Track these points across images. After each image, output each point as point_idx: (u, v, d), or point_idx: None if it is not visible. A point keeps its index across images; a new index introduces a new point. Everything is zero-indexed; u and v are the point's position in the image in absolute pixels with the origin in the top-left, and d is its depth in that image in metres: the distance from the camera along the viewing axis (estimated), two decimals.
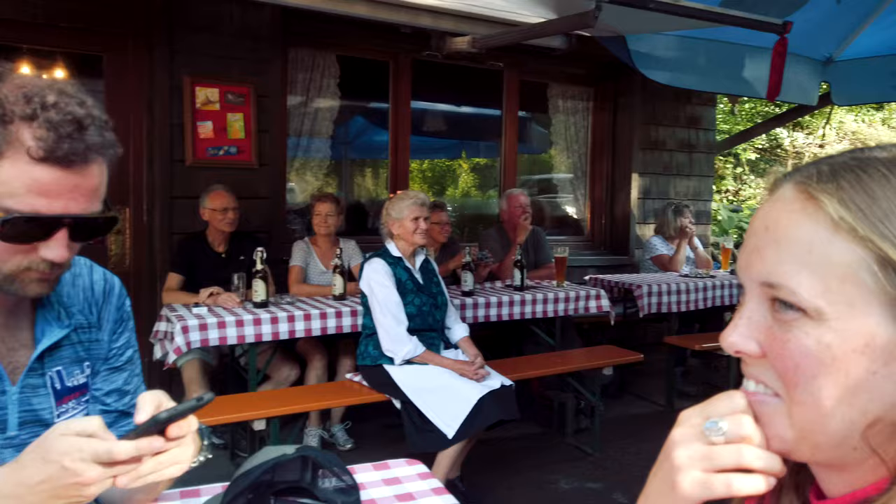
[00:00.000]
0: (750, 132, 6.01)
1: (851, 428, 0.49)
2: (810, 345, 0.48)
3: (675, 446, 0.54)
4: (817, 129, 10.65)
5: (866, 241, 0.47)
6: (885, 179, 0.48)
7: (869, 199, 0.47)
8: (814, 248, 0.48)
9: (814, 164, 0.52)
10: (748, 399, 0.53)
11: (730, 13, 2.70)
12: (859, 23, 3.93)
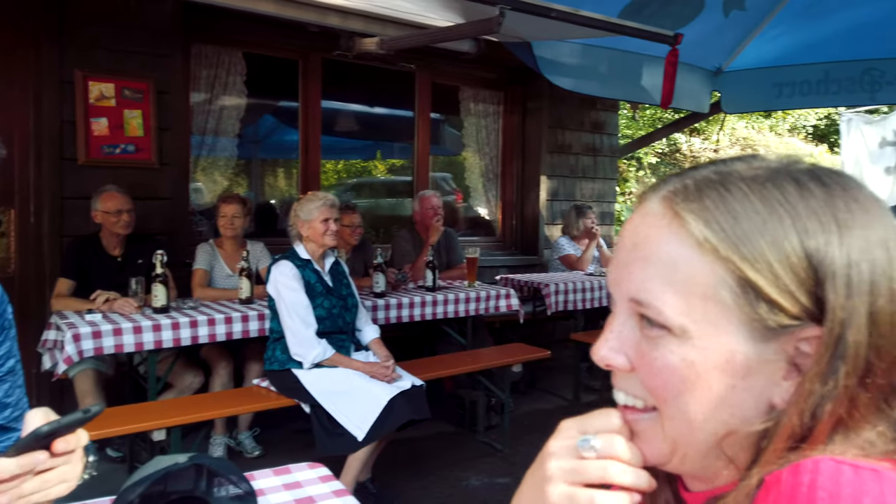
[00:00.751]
0: (650, 137, 6.32)
1: (715, 440, 0.51)
2: (675, 362, 0.50)
3: (550, 457, 0.56)
4: (712, 134, 11.33)
5: (727, 262, 0.49)
6: (747, 198, 0.50)
7: (731, 220, 0.49)
8: (679, 266, 0.50)
9: (679, 178, 0.54)
10: (624, 417, 0.55)
11: (625, 24, 2.84)
12: (745, 36, 4.23)
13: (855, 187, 0.52)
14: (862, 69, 4.35)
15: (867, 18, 4.07)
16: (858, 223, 0.50)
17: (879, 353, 0.48)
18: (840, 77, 4.40)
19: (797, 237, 0.49)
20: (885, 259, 0.50)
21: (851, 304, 0.48)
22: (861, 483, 0.45)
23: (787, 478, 0.47)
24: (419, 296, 3.66)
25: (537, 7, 2.45)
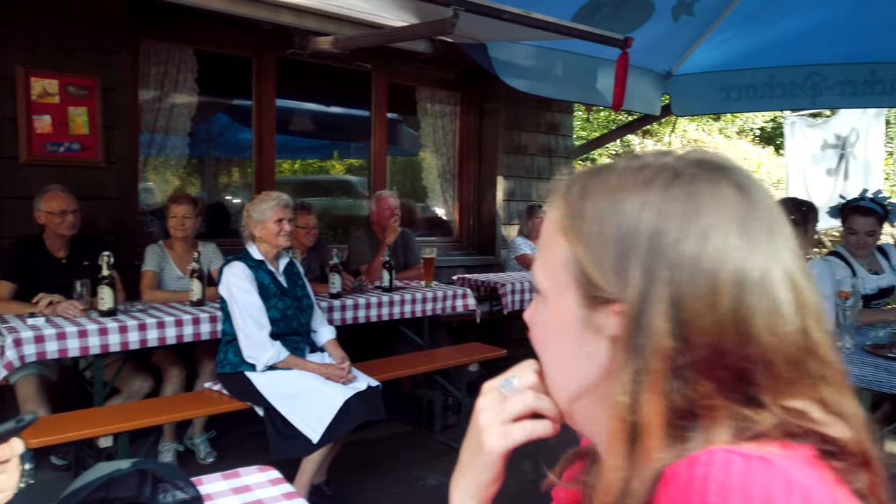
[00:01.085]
0: (604, 138, 6.43)
1: (570, 400, 0.59)
2: (538, 321, 0.61)
3: (480, 413, 0.64)
4: (664, 136, 11.60)
5: (568, 240, 0.56)
6: (601, 189, 0.57)
7: (581, 207, 0.57)
8: (549, 245, 0.59)
9: (575, 175, 0.61)
10: (539, 367, 0.63)
11: (577, 27, 2.88)
12: (693, 41, 4.34)
13: (718, 178, 0.54)
14: (805, 74, 4.51)
15: (810, 25, 4.22)
16: (680, 212, 0.53)
17: (688, 340, 0.51)
18: (784, 81, 4.55)
19: (618, 220, 0.54)
20: (695, 249, 0.52)
21: (651, 287, 0.52)
22: (750, 473, 0.46)
23: (682, 470, 0.48)
24: (376, 296, 3.65)
25: (490, 9, 2.47)
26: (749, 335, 0.51)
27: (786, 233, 0.55)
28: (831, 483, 0.49)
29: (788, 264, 0.53)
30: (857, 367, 2.48)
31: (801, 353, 0.52)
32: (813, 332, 0.53)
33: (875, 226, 3.19)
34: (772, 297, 0.52)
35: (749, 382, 0.51)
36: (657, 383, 0.51)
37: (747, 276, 0.51)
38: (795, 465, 0.48)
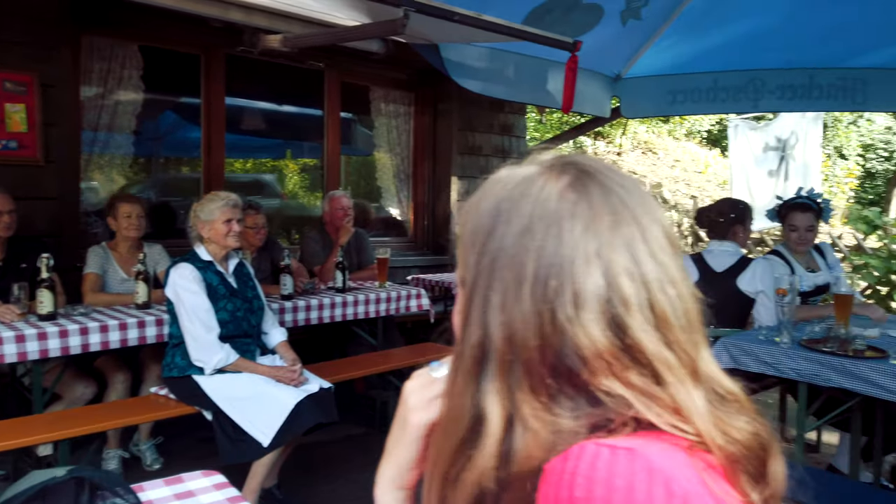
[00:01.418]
0: (556, 140, 6.52)
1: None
2: (455, 312, 0.66)
3: (409, 394, 0.68)
4: (615, 138, 11.83)
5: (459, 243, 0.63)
6: (479, 194, 0.63)
7: (465, 212, 0.63)
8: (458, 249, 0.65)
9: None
10: None
11: (527, 30, 2.92)
12: (641, 45, 4.43)
13: (556, 178, 0.59)
14: (747, 78, 4.66)
15: (751, 31, 4.37)
16: (509, 210, 0.58)
17: (509, 327, 0.55)
18: (727, 85, 4.70)
19: (475, 219, 0.60)
20: (512, 244, 0.57)
21: (479, 278, 0.58)
22: (615, 464, 0.49)
23: (557, 465, 0.51)
24: (329, 297, 3.62)
25: (441, 10, 2.48)
26: (558, 332, 0.53)
27: (626, 232, 0.56)
28: (697, 470, 0.51)
29: (615, 263, 0.55)
30: (794, 362, 2.58)
31: (615, 345, 0.54)
32: (631, 326, 0.54)
33: (813, 221, 3.34)
34: (576, 296, 0.54)
35: (571, 371, 0.54)
36: (496, 372, 0.56)
37: (553, 276, 0.54)
38: (662, 454, 0.51)
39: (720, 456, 0.54)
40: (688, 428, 0.54)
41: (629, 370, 0.54)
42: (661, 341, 0.55)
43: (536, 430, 0.53)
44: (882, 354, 2.47)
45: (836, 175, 13.27)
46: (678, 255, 0.60)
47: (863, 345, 2.57)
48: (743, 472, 0.56)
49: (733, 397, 0.60)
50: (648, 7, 3.98)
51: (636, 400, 0.53)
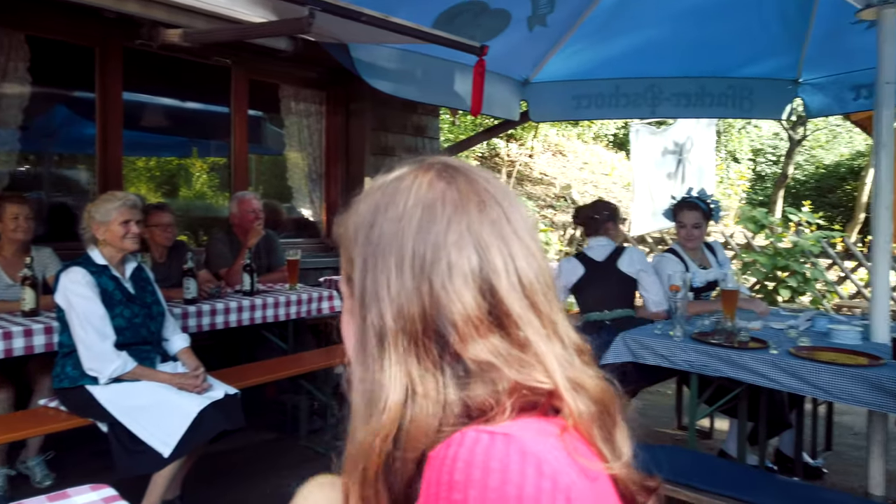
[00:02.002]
0: (468, 141, 6.60)
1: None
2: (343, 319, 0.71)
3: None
4: (528, 140, 12.13)
5: (340, 245, 0.69)
6: (358, 198, 0.69)
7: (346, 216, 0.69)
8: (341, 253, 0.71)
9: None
10: None
11: (435, 33, 2.95)
12: (548, 50, 4.57)
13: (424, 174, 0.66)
14: (645, 86, 4.90)
15: (649, 41, 4.59)
16: (384, 204, 0.65)
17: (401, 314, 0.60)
18: (628, 92, 4.92)
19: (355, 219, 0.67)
20: (387, 232, 0.63)
21: (364, 269, 0.64)
22: (492, 448, 0.53)
23: (439, 451, 0.55)
24: (236, 301, 3.52)
25: (347, 10, 2.47)
26: (435, 302, 0.60)
27: (492, 213, 0.64)
28: (567, 450, 0.56)
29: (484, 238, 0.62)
30: (686, 354, 2.74)
31: (484, 309, 0.60)
32: (500, 290, 0.61)
33: (700, 219, 3.57)
34: (450, 266, 0.61)
35: (446, 339, 0.60)
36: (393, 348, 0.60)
37: (429, 251, 0.61)
38: (536, 438, 0.55)
39: (573, 404, 0.59)
40: (547, 381, 0.59)
41: (494, 334, 0.60)
42: (526, 304, 0.62)
43: (428, 395, 0.58)
44: (763, 345, 2.67)
45: (730, 178, 14.17)
46: (536, 235, 0.68)
47: (746, 337, 2.76)
48: (596, 427, 0.61)
49: (584, 352, 0.66)
50: (554, 14, 4.11)
51: (501, 362, 0.59)
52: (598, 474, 0.58)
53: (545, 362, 0.60)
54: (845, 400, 2.35)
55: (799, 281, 6.12)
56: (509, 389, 0.58)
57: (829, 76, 4.64)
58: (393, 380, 0.59)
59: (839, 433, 4.00)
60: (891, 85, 2.76)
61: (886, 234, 2.73)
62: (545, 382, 0.59)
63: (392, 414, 0.58)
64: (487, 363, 0.59)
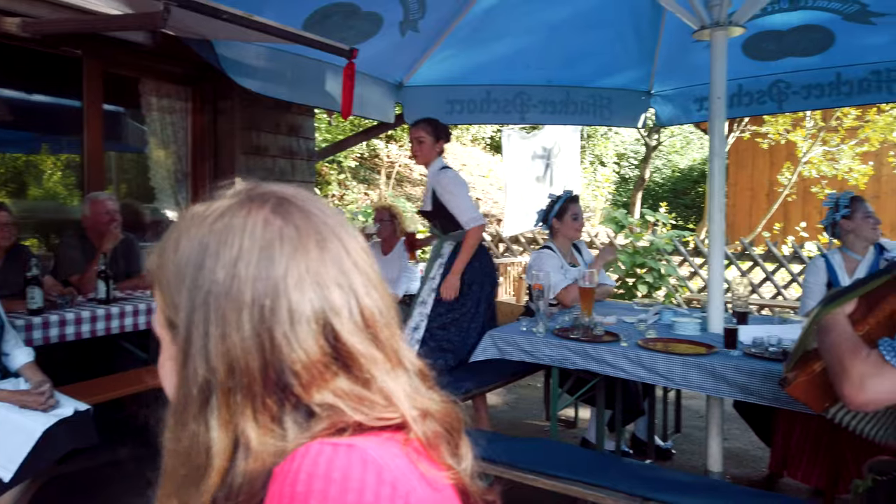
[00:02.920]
0: (345, 143, 6.57)
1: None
2: (160, 363, 0.67)
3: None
4: (407, 142, 12.24)
5: (156, 286, 0.63)
6: (176, 233, 0.64)
7: (162, 253, 0.63)
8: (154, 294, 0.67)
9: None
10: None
11: (301, 34, 2.92)
12: (420, 55, 4.65)
13: (257, 208, 0.62)
14: (514, 93, 5.11)
15: (517, 50, 4.79)
16: (216, 244, 0.60)
17: (229, 358, 0.57)
18: (499, 98, 5.10)
19: (177, 258, 0.62)
20: (224, 277, 0.59)
21: (193, 314, 0.59)
22: (335, 458, 0.54)
23: (284, 466, 0.55)
24: (88, 310, 3.28)
25: (206, 7, 2.38)
26: (276, 352, 0.57)
27: (332, 247, 0.62)
28: (409, 458, 0.58)
29: (325, 276, 0.60)
30: (548, 349, 2.89)
31: (327, 353, 0.59)
32: (342, 332, 0.59)
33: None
34: (291, 313, 0.58)
35: (288, 388, 0.58)
36: (220, 403, 0.57)
37: (268, 298, 0.58)
38: (378, 447, 0.57)
39: (421, 432, 0.61)
40: (395, 415, 0.60)
41: (338, 377, 0.59)
42: (369, 341, 0.61)
43: (259, 451, 0.56)
44: (615, 338, 2.87)
45: (596, 180, 15.03)
46: (374, 264, 0.66)
47: (601, 331, 2.96)
48: (443, 444, 0.63)
49: (427, 376, 0.68)
50: (425, 20, 4.19)
51: (345, 405, 0.58)
52: (441, 484, 0.60)
53: (392, 398, 0.60)
54: (685, 386, 2.59)
55: (655, 277, 6.62)
56: (354, 424, 0.58)
57: (676, 89, 5.06)
58: (219, 442, 0.56)
59: (687, 416, 4.38)
60: (721, 100, 3.07)
61: (720, 234, 3.03)
62: (393, 418, 0.59)
63: (214, 480, 0.56)
64: (332, 406, 0.58)
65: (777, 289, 6.84)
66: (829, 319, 1.70)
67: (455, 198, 3.59)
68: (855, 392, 1.51)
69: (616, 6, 4.30)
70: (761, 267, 6.85)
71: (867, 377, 1.49)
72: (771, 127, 10.38)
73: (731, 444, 3.97)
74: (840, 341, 1.60)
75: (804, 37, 4.23)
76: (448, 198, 3.59)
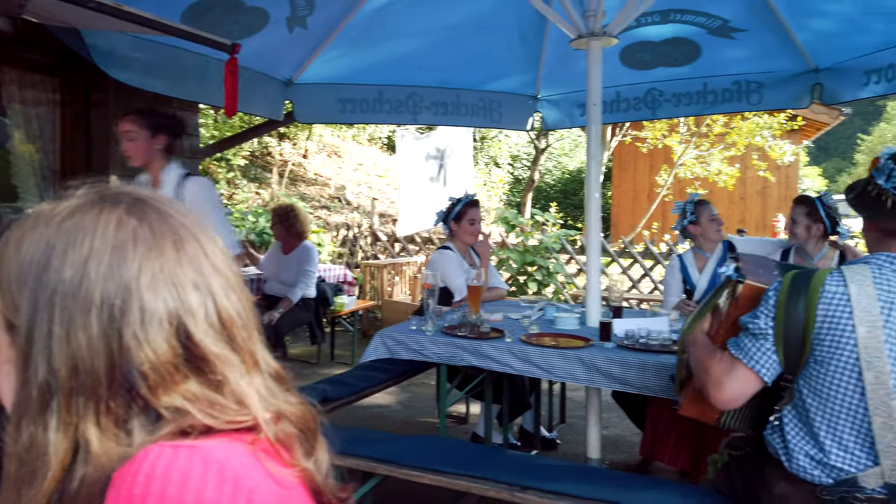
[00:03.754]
0: (233, 140, 6.34)
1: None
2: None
3: None
4: (301, 140, 11.98)
5: None
6: (19, 233, 0.61)
7: (2, 255, 0.61)
8: None
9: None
10: None
11: (179, 27, 2.80)
12: (310, 52, 4.58)
13: (110, 209, 0.61)
14: (407, 93, 5.14)
15: (409, 51, 4.83)
16: (64, 244, 0.59)
17: (75, 358, 0.56)
18: (391, 98, 5.12)
19: (19, 258, 0.60)
20: (73, 277, 0.58)
21: (36, 314, 0.57)
22: (175, 459, 0.54)
23: (123, 470, 0.54)
24: None
25: None
26: (124, 353, 0.57)
27: (190, 249, 0.62)
28: (256, 457, 0.59)
29: (181, 277, 0.60)
30: (436, 347, 2.94)
31: (179, 355, 0.59)
32: (196, 334, 0.59)
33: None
34: (143, 313, 0.58)
35: (135, 390, 0.58)
36: (62, 405, 0.56)
37: (119, 297, 0.57)
38: (223, 447, 0.57)
39: (272, 434, 0.61)
40: (246, 418, 0.60)
41: (189, 380, 0.59)
42: (224, 343, 0.61)
43: (100, 455, 0.55)
44: (500, 334, 2.97)
45: (492, 181, 15.40)
46: (235, 266, 0.66)
47: (488, 328, 3.05)
48: (298, 445, 0.64)
49: (283, 379, 0.68)
50: (314, 17, 4.13)
51: (194, 409, 0.58)
52: (289, 482, 0.60)
53: (245, 400, 0.60)
54: (564, 378, 2.71)
55: (544, 275, 6.87)
56: (201, 426, 0.58)
57: (560, 94, 5.29)
58: (57, 445, 0.55)
59: (572, 407, 4.59)
60: (598, 106, 3.25)
61: (596, 233, 3.21)
62: (244, 420, 0.59)
63: (48, 486, 0.54)
64: (180, 409, 0.57)
65: (655, 284, 7.30)
66: (691, 338, 1.89)
67: (208, 218, 2.91)
68: (717, 391, 1.66)
69: (503, 14, 4.44)
70: (640, 264, 7.29)
71: (723, 375, 1.66)
72: (650, 132, 11.06)
73: (612, 431, 4.21)
74: (700, 354, 1.78)
75: (674, 48, 4.55)
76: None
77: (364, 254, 8.27)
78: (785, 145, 10.79)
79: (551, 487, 2.07)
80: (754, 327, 1.62)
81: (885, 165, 1.57)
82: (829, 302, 1.53)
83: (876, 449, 1.50)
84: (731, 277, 1.83)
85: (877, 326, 1.47)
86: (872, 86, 3.95)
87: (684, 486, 2.18)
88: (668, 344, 2.68)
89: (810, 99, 4.33)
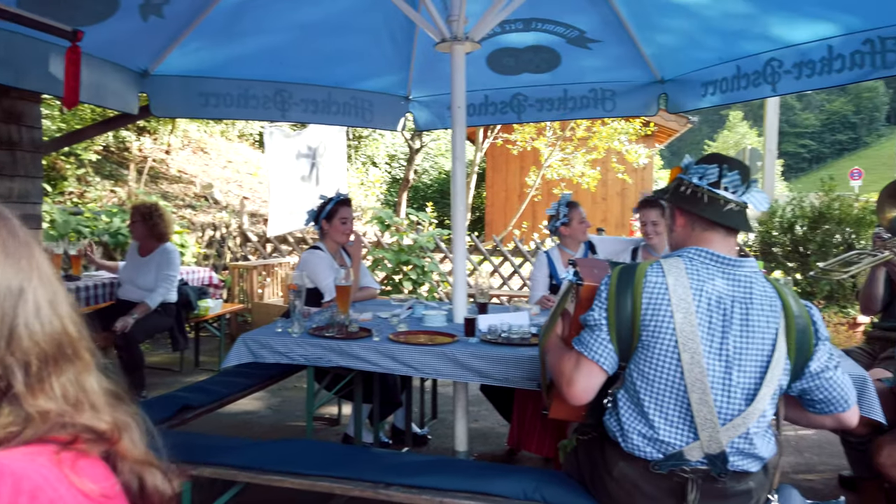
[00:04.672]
0: (81, 133, 5.86)
1: None
2: None
3: None
4: (164, 135, 11.28)
5: None
6: None
7: None
8: None
9: None
10: None
11: (17, 11, 2.55)
12: (168, 43, 4.33)
13: None
14: (275, 89, 5.00)
15: (275, 46, 4.69)
16: None
17: None
18: (257, 94, 4.95)
19: None
20: None
21: None
22: None
23: None
24: None
25: None
26: (14, 340, 0.59)
27: (39, 251, 0.65)
28: (60, 468, 0.58)
29: (47, 276, 0.63)
30: (303, 349, 2.89)
31: (59, 349, 0.62)
32: (69, 329, 0.63)
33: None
34: (32, 306, 0.60)
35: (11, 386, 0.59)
36: None
37: (10, 291, 0.60)
38: (22, 459, 0.56)
39: (86, 446, 0.61)
40: (61, 434, 0.60)
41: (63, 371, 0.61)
42: (43, 355, 0.61)
43: None
44: (368, 334, 2.97)
45: (369, 181, 15.33)
46: (60, 279, 0.67)
47: (356, 328, 3.04)
48: (121, 455, 0.64)
49: (112, 392, 0.68)
50: (170, 6, 3.91)
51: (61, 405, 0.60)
52: (97, 494, 0.59)
53: (49, 414, 0.60)
54: (432, 374, 2.76)
55: (419, 273, 6.95)
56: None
57: (430, 95, 5.37)
58: None
59: (444, 402, 4.68)
60: (462, 108, 3.34)
61: (461, 232, 3.30)
62: (58, 436, 0.59)
63: None
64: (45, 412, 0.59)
65: (523, 280, 7.61)
66: (547, 343, 2.02)
67: None
68: (568, 388, 1.78)
69: (369, 13, 4.43)
70: (510, 261, 7.57)
71: (573, 371, 1.78)
72: (519, 135, 11.51)
73: (481, 424, 4.34)
74: (553, 358, 1.91)
75: (536, 55, 4.76)
76: None
77: (233, 255, 7.94)
78: (640, 149, 11.64)
79: (415, 482, 2.10)
80: (591, 320, 1.77)
81: (695, 169, 1.80)
82: (651, 291, 1.70)
83: (695, 422, 1.68)
84: (573, 281, 1.97)
85: (690, 312, 1.66)
86: (710, 97, 4.36)
87: (542, 471, 2.29)
88: (527, 337, 2.81)
89: (657, 107, 4.71)
